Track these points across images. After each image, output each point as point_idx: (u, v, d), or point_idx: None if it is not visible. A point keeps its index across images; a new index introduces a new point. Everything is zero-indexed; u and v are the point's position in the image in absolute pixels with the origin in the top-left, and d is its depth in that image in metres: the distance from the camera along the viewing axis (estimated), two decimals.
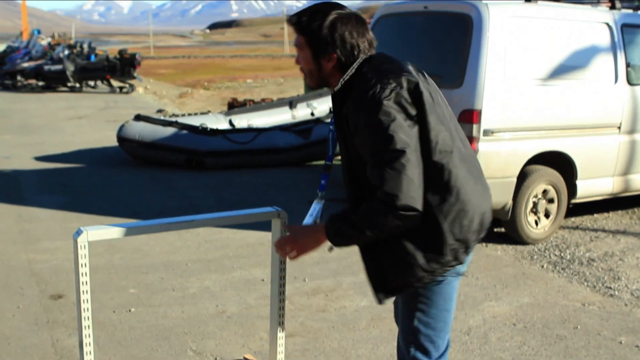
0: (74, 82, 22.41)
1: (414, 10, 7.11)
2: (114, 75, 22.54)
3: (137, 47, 73.88)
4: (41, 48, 26.57)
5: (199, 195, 8.36)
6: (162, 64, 52.17)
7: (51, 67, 22.25)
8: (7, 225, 7.03)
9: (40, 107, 17.89)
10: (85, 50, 23.56)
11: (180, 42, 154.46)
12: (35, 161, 10.47)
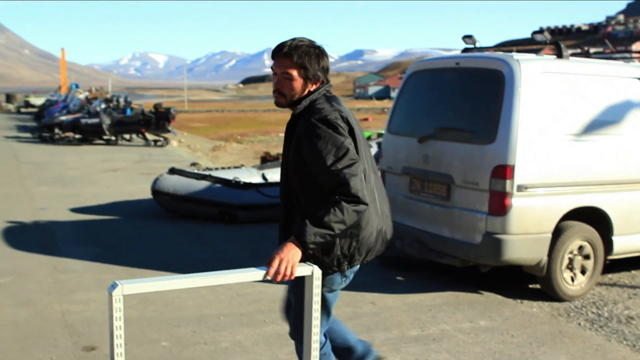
0: (110, 135, 22.78)
1: (446, 66, 7.16)
2: (149, 128, 22.88)
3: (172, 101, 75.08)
4: (79, 102, 27.14)
5: (232, 248, 8.38)
6: (196, 117, 52.89)
7: (88, 120, 22.67)
8: (42, 276, 7.09)
9: (76, 159, 18.18)
10: (121, 104, 24.01)
11: (213, 96, 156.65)
12: (70, 212, 10.60)
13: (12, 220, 9.92)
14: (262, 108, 75.68)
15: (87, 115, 23.22)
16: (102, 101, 24.00)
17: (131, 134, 23.52)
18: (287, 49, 3.16)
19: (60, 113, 26.54)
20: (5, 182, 13.82)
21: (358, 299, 6.35)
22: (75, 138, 22.81)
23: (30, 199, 11.89)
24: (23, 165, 16.81)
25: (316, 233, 2.99)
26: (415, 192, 6.95)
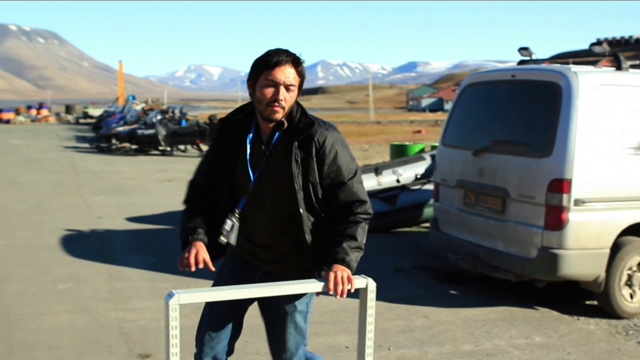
0: (165, 146, 23.12)
1: (501, 79, 7.10)
2: (203, 139, 23.15)
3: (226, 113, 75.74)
4: (135, 113, 27.63)
5: None
6: None
7: (144, 131, 23.07)
8: (99, 284, 7.22)
9: (132, 169, 18.50)
10: (176, 116, 24.37)
11: None
12: (126, 222, 10.78)
13: (70, 228, 10.14)
14: None
15: (144, 126, 23.63)
16: (158, 112, 24.39)
17: (186, 144, 23.83)
18: (293, 58, 3.02)
19: (118, 124, 27.07)
20: (64, 191, 14.13)
21: (411, 312, 6.32)
22: (131, 148, 23.22)
23: (88, 207, 12.13)
24: (81, 174, 17.17)
25: (357, 256, 3.05)
26: (470, 205, 6.90)
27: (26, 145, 27.46)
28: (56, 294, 6.84)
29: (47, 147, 26.09)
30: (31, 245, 9.06)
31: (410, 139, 31.32)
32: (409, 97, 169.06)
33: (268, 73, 3.00)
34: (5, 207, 12.14)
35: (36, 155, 22.87)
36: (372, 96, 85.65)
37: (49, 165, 19.35)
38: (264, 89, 3.01)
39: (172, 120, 23.77)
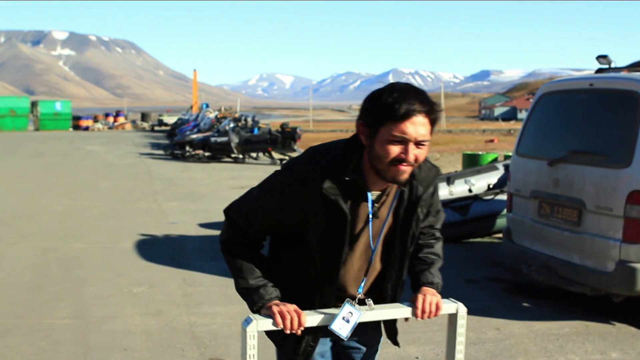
0: (237, 153, 23.42)
1: (578, 87, 6.95)
2: (275, 147, 23.36)
3: (297, 121, 76.42)
4: (209, 121, 28.06)
5: None
6: (320, 137, 53.49)
7: (217, 138, 23.41)
8: (171, 288, 7.35)
9: (205, 176, 18.78)
10: (249, 124, 24.64)
11: (338, 116, 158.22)
12: (199, 227, 10.95)
13: (145, 233, 10.36)
14: None
15: (217, 133, 23.98)
16: (231, 120, 24.71)
17: (258, 152, 24.08)
18: (429, 108, 2.35)
19: (192, 131, 27.52)
20: (140, 197, 14.45)
21: (482, 324, 6.23)
22: (204, 156, 23.59)
23: (162, 213, 12.37)
24: (156, 181, 17.53)
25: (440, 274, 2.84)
26: (544, 217, 6.76)
27: (103, 151, 28.22)
28: (131, 297, 6.99)
29: (123, 154, 26.74)
30: (107, 249, 9.29)
31: (483, 148, 30.94)
32: (481, 106, 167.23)
33: (394, 126, 2.31)
34: (84, 211, 12.49)
35: (113, 161, 23.47)
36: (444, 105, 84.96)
37: (125, 172, 19.82)
38: (387, 145, 2.33)
39: (244, 128, 24.05)
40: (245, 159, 23.68)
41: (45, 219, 11.74)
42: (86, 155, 26.38)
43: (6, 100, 52.97)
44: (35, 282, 7.62)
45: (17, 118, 51.41)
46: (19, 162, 23.07)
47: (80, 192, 15.16)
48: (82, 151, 28.41)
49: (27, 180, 17.56)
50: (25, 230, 10.71)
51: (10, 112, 51.08)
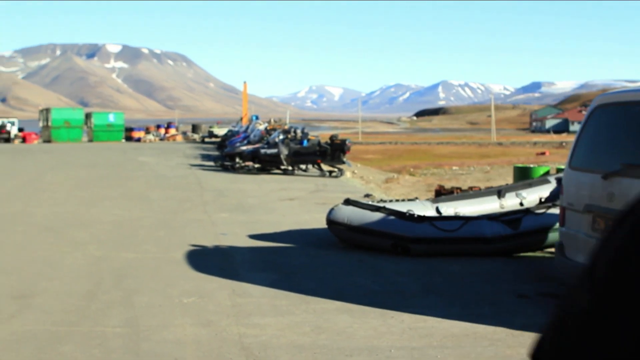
0: (287, 165, 23.49)
1: (634, 99, 6.82)
2: (324, 159, 23.36)
3: (346, 133, 76.48)
4: (259, 132, 28.24)
5: (405, 281, 8.35)
6: (369, 149, 53.51)
7: (267, 150, 23.53)
8: (221, 299, 7.40)
9: (255, 187, 18.89)
10: (298, 136, 24.71)
11: (387, 129, 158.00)
12: (249, 239, 11.01)
13: (195, 244, 10.45)
14: (435, 141, 75.39)
15: (266, 145, 24.11)
16: (280, 132, 24.82)
17: (307, 164, 24.12)
18: None
19: (241, 143, 27.74)
20: (190, 208, 14.60)
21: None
22: (254, 167, 23.72)
23: (212, 224, 12.48)
24: (206, 192, 17.69)
25: None
26: (598, 231, 6.63)
27: (155, 162, 28.59)
28: (181, 307, 7.06)
29: (174, 165, 27.06)
30: (158, 259, 9.40)
31: (534, 161, 30.54)
32: (532, 118, 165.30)
33: None
34: (135, 221, 12.67)
35: (164, 172, 23.77)
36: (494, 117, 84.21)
37: (175, 182, 20.06)
38: None
39: (294, 140, 24.13)
40: (295, 171, 23.72)
41: (99, 228, 11.94)
42: (138, 166, 26.76)
43: (61, 112, 54.15)
44: (89, 290, 7.75)
45: (72, 129, 52.49)
46: (73, 173, 23.52)
47: (132, 203, 15.39)
48: (134, 162, 28.83)
49: (81, 190, 17.89)
50: (79, 239, 10.91)
51: (65, 123, 52.18)
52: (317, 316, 6.75)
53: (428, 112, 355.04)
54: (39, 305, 7.14)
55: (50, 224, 12.28)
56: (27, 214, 13.50)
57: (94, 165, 27.08)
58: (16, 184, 19.54)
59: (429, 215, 10.43)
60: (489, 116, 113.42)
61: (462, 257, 9.70)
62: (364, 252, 9.97)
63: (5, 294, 7.61)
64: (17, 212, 13.82)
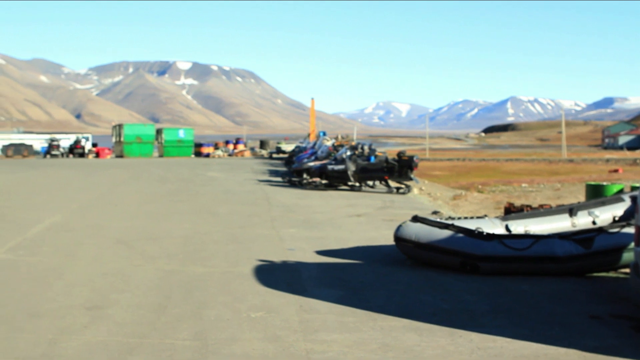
0: (354, 181, 23.49)
1: None
2: (392, 176, 23.28)
3: (413, 149, 76.18)
4: (326, 149, 28.35)
5: (473, 300, 8.24)
6: (436, 165, 53.15)
7: (334, 166, 23.58)
8: (288, 314, 7.43)
9: (322, 203, 18.94)
10: (365, 152, 24.70)
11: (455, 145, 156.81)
12: (316, 254, 11.03)
13: (263, 259, 10.53)
14: (504, 157, 74.38)
15: (334, 161, 24.16)
16: (348, 148, 24.86)
17: (374, 180, 24.07)
18: None
19: (309, 159, 27.90)
20: (258, 223, 14.72)
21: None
22: (321, 183, 23.79)
23: (279, 239, 12.55)
24: (274, 207, 17.82)
25: None
26: None
27: (223, 178, 28.98)
28: (249, 322, 7.11)
29: (242, 180, 27.37)
30: (227, 274, 9.50)
31: (607, 178, 29.83)
32: (604, 135, 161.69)
33: None
34: (205, 236, 12.84)
35: (232, 187, 24.06)
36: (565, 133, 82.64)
37: (244, 198, 20.27)
38: None
39: (361, 157, 24.12)
40: (362, 187, 23.70)
41: (169, 242, 12.14)
42: (207, 181, 27.16)
43: (133, 128, 55.47)
44: (159, 303, 7.88)
45: (143, 145, 53.73)
46: (144, 187, 24.02)
47: (201, 217, 15.61)
48: (203, 177, 29.28)
49: (152, 205, 18.25)
50: (150, 252, 11.11)
51: (137, 139, 53.43)
52: (385, 334, 6.71)
53: (496, 128, 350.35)
54: (111, 317, 7.29)
55: (122, 238, 12.55)
56: (100, 227, 13.83)
57: (164, 180, 27.60)
58: (90, 198, 20.05)
59: (498, 233, 10.27)
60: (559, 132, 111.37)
61: (532, 276, 9.53)
62: (432, 270, 9.88)
63: (79, 304, 7.81)
64: (91, 225, 14.17)
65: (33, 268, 9.87)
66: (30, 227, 13.71)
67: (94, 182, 26.88)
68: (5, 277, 9.22)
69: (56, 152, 55.67)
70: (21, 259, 10.57)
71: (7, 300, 8.01)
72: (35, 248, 11.48)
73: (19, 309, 7.61)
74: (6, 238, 12.39)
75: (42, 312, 7.48)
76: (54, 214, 15.86)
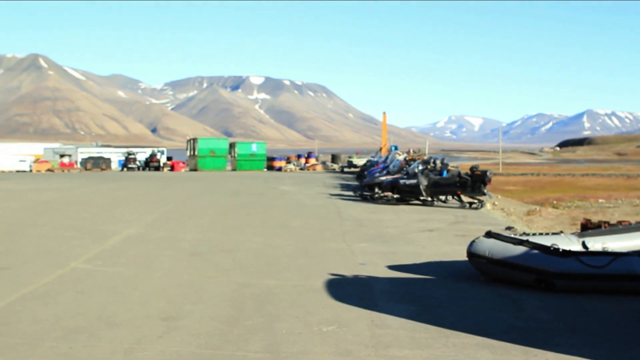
0: (426, 196, 23.31)
1: None
2: (464, 191, 23.02)
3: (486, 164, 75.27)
4: (398, 163, 28.26)
5: (548, 318, 8.06)
6: (510, 180, 52.36)
7: (406, 181, 23.46)
8: (360, 329, 7.41)
9: (394, 218, 18.86)
10: (438, 166, 24.51)
11: (528, 159, 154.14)
12: (387, 269, 10.98)
13: (335, 273, 10.54)
14: (579, 172, 72.77)
15: (406, 176, 24.04)
16: (420, 163, 24.71)
17: (447, 195, 23.84)
18: None
19: (381, 173, 27.84)
20: (329, 237, 14.75)
21: None
22: (393, 198, 23.69)
23: (351, 254, 12.55)
24: (345, 221, 17.83)
25: None
26: None
27: (295, 191, 29.17)
28: (321, 336, 7.12)
29: (314, 194, 27.49)
30: (299, 287, 9.54)
31: None
32: None
33: None
34: (277, 249, 12.94)
35: (304, 201, 24.19)
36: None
37: (315, 211, 20.35)
38: None
39: (433, 171, 23.94)
40: (434, 202, 23.51)
41: (242, 255, 12.28)
42: (279, 194, 27.39)
43: (207, 142, 56.50)
44: (231, 315, 7.97)
45: (217, 158, 54.64)
46: (218, 200, 24.37)
47: (274, 230, 15.74)
48: (275, 191, 29.54)
49: (225, 217, 18.49)
50: (223, 265, 11.26)
51: (211, 152, 54.36)
52: (457, 351, 6.63)
53: (572, 142, 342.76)
54: (185, 328, 7.41)
55: (196, 250, 12.76)
56: (175, 239, 14.09)
57: (237, 193, 27.96)
58: (165, 210, 20.45)
59: (575, 250, 10.03)
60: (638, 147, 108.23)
61: (611, 295, 9.26)
62: (506, 286, 9.71)
63: (154, 315, 7.96)
64: (166, 237, 14.45)
65: (111, 278, 10.13)
66: (108, 239, 14.08)
67: (168, 194, 27.41)
68: (84, 287, 9.48)
69: (133, 166, 57.15)
70: (99, 269, 10.86)
71: (86, 309, 8.23)
72: (112, 259, 11.78)
73: (98, 318, 7.81)
74: (85, 249, 12.76)
75: (120, 321, 7.66)
76: (130, 226, 16.24)
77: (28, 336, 7.09)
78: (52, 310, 8.17)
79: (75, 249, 12.73)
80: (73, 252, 12.46)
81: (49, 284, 9.68)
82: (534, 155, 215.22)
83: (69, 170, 56.02)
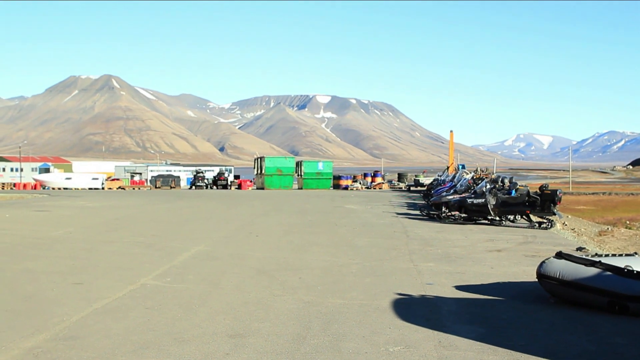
0: (494, 215, 22.99)
1: None
2: (533, 210, 22.63)
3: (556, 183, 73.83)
4: (465, 182, 27.98)
5: (623, 342, 7.83)
6: (580, 200, 51.30)
7: (474, 200, 23.20)
8: (427, 350, 7.33)
9: (461, 237, 18.64)
10: (506, 185, 24.17)
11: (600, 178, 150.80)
12: (455, 290, 10.85)
13: (401, 292, 10.47)
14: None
15: (473, 195, 23.78)
16: (488, 182, 24.42)
17: (515, 215, 23.47)
18: None
19: (448, 192, 27.61)
20: (396, 256, 14.67)
21: None
22: (461, 217, 23.44)
23: (418, 273, 12.44)
24: (412, 241, 17.71)
25: None
26: None
27: (362, 210, 29.13)
28: (387, 356, 7.07)
29: (380, 213, 27.41)
30: (365, 306, 9.51)
31: None
32: None
33: None
34: (343, 267, 12.93)
35: (370, 220, 24.13)
36: None
37: (382, 230, 20.28)
38: None
39: (501, 190, 23.62)
40: (502, 222, 23.15)
41: (308, 273, 12.31)
42: (345, 213, 27.39)
43: (274, 161, 56.97)
44: (298, 333, 7.99)
45: (284, 177, 55.05)
46: (284, 219, 24.51)
47: (340, 249, 15.74)
48: (342, 209, 29.55)
49: (292, 236, 18.58)
50: (290, 283, 11.30)
51: (278, 171, 54.80)
52: None
53: None
54: (252, 345, 7.46)
55: (263, 268, 12.84)
56: (242, 257, 14.23)
57: (303, 211, 28.07)
58: (232, 228, 20.68)
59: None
60: None
61: None
62: (578, 309, 9.48)
63: (222, 332, 8.04)
64: (234, 254, 14.60)
65: (179, 294, 10.28)
66: (177, 255, 14.31)
67: (236, 212, 27.72)
68: (153, 303, 9.65)
69: (201, 184, 58.04)
70: (168, 285, 11.03)
71: (156, 325, 8.37)
72: (181, 275, 11.96)
73: (167, 333, 7.94)
74: (155, 265, 12.99)
75: (188, 337, 7.76)
76: (199, 243, 16.47)
77: (100, 350, 7.25)
78: (122, 325, 8.33)
79: (145, 265, 12.98)
80: (143, 268, 12.70)
81: (119, 299, 9.88)
82: (606, 174, 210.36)
83: (139, 188, 57.30)
